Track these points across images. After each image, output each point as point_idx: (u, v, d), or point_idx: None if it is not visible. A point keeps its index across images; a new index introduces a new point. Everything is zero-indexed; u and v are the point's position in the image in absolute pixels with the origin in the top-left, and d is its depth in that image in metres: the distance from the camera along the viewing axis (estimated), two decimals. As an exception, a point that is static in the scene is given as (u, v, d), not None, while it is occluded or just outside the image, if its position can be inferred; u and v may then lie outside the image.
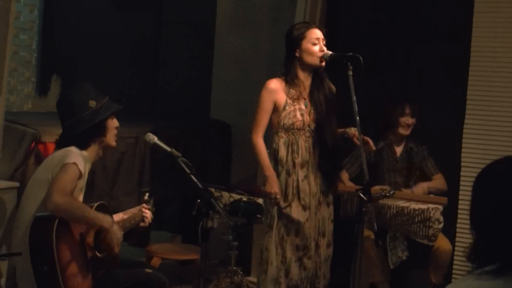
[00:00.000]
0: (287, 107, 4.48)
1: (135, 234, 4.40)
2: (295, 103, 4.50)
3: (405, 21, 6.01)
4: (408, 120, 5.26)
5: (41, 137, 4.94)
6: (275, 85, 4.50)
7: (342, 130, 4.56)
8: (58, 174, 3.58)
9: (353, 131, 4.49)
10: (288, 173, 4.48)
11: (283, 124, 4.49)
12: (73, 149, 3.73)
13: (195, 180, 3.58)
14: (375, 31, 6.13)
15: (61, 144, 3.87)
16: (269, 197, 4.45)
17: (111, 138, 3.90)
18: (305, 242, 4.52)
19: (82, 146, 3.79)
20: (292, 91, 4.50)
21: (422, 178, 5.32)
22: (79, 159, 3.66)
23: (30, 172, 4.81)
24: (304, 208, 4.50)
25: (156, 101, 7.43)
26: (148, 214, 4.08)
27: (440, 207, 4.79)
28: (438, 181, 5.29)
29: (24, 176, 4.80)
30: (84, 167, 3.70)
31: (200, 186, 3.56)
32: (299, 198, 4.49)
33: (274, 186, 4.42)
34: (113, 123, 3.92)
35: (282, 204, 4.47)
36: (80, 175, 3.66)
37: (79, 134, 3.79)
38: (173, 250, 5.61)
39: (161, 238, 6.36)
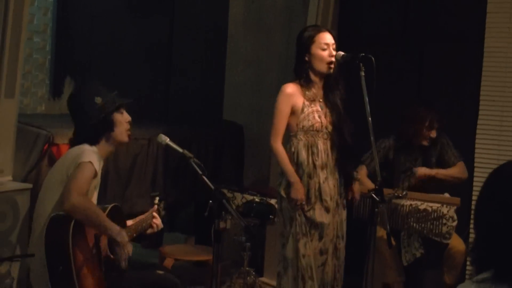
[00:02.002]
0: (305, 109, 4.46)
1: (149, 236, 4.39)
2: (312, 105, 4.48)
3: (418, 21, 6.00)
4: (433, 134, 5.12)
5: (54, 139, 4.95)
6: (292, 89, 4.48)
7: None
8: (74, 174, 3.57)
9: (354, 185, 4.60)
10: (310, 176, 4.45)
11: (302, 126, 4.46)
12: (86, 146, 3.74)
13: (207, 181, 3.58)
14: (388, 33, 6.13)
15: (74, 142, 3.89)
16: (295, 203, 4.42)
17: (121, 132, 3.87)
18: (327, 246, 4.50)
19: (93, 142, 3.79)
20: (308, 93, 4.48)
21: (441, 166, 5.19)
22: (93, 157, 3.67)
23: (43, 174, 4.83)
24: (327, 210, 4.48)
25: (169, 103, 7.45)
26: (157, 222, 4.04)
27: (454, 206, 4.77)
28: (456, 169, 5.16)
29: (38, 178, 4.82)
30: (98, 165, 3.70)
31: (212, 187, 3.55)
32: (321, 200, 4.46)
33: (300, 193, 4.39)
34: (123, 117, 3.89)
35: (306, 208, 4.45)
36: (95, 174, 3.67)
37: (88, 131, 3.80)
38: (186, 251, 5.61)
39: (174, 240, 6.37)
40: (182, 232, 6.64)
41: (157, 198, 4.15)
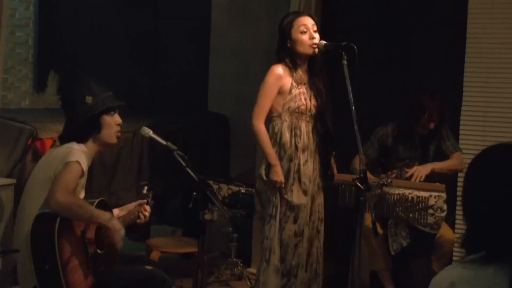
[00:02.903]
0: (292, 90, 4.47)
1: (136, 228, 4.38)
2: (299, 87, 4.50)
3: (402, 8, 5.98)
4: (432, 125, 5.07)
5: (38, 133, 4.94)
6: (282, 69, 4.47)
7: None
8: (61, 172, 3.56)
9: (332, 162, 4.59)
10: (291, 158, 4.47)
11: (289, 107, 4.47)
12: (75, 146, 3.71)
13: (191, 172, 3.57)
14: (372, 21, 6.12)
15: (62, 138, 3.85)
16: (273, 185, 4.43)
17: (109, 134, 3.85)
18: (301, 228, 4.52)
19: (81, 141, 3.78)
20: (296, 75, 4.49)
21: (440, 156, 5.15)
22: (81, 157, 3.65)
23: (28, 169, 4.81)
24: (305, 192, 4.50)
25: (154, 95, 7.43)
26: (146, 212, 4.04)
27: (444, 195, 4.74)
28: (453, 161, 5.11)
29: (22, 173, 4.81)
30: (86, 165, 3.69)
31: (196, 178, 3.54)
32: (300, 183, 4.48)
33: (280, 175, 4.41)
34: (113, 119, 3.86)
35: (283, 190, 4.46)
36: (83, 174, 3.66)
37: (76, 129, 3.79)
38: (173, 244, 5.61)
39: (162, 232, 6.36)
40: (170, 225, 6.64)
41: (146, 188, 4.14)
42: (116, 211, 3.99)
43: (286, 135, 4.47)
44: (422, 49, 5.92)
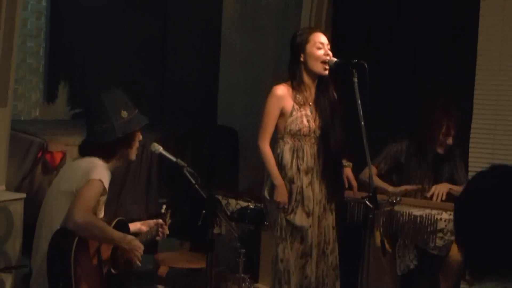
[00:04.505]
0: (294, 113, 4.45)
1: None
2: (302, 109, 4.47)
3: (411, 22, 5.97)
4: (450, 140, 4.99)
5: (48, 146, 4.95)
6: (282, 91, 4.47)
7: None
8: (82, 190, 3.53)
9: (346, 169, 4.54)
10: (292, 180, 4.46)
11: (290, 130, 4.46)
12: (99, 162, 3.67)
13: (200, 190, 3.57)
14: (382, 33, 6.11)
15: (84, 150, 3.77)
16: (277, 206, 4.43)
17: (134, 151, 3.86)
18: (308, 249, 4.50)
19: (107, 157, 3.72)
20: (299, 97, 4.47)
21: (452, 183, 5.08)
22: (104, 174, 3.62)
23: (37, 182, 4.82)
24: (308, 214, 4.48)
25: (163, 106, 7.43)
26: (165, 230, 4.04)
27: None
28: None
29: (31, 186, 4.82)
30: (108, 182, 3.66)
31: (205, 196, 3.54)
32: (303, 205, 4.47)
33: (283, 196, 4.40)
34: (139, 136, 3.88)
35: (287, 211, 4.45)
36: (104, 192, 3.64)
37: (107, 144, 3.71)
38: (181, 259, 5.60)
39: (169, 245, 6.34)
40: (177, 238, 6.62)
41: (164, 206, 4.13)
42: (137, 225, 3.99)
43: (287, 157, 4.47)
44: (431, 60, 5.89)
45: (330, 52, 4.43)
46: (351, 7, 6.25)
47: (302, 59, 4.44)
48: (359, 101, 4.13)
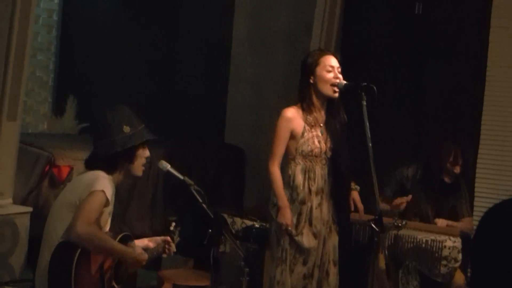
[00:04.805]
0: (305, 134, 4.45)
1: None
2: (313, 130, 4.48)
3: (420, 41, 5.99)
4: (457, 169, 4.96)
5: (56, 160, 4.97)
6: (292, 113, 4.47)
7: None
8: (85, 202, 3.53)
9: (353, 192, 4.55)
10: (303, 201, 4.45)
11: (301, 151, 4.46)
12: (102, 174, 3.68)
13: (206, 209, 3.57)
14: (391, 55, 6.13)
15: (89, 163, 3.81)
16: (281, 228, 4.42)
17: (138, 167, 3.83)
18: (310, 270, 4.50)
19: (109, 170, 3.73)
20: (310, 118, 4.47)
21: (452, 216, 5.04)
22: (107, 186, 3.62)
23: (43, 196, 4.84)
24: (315, 235, 4.48)
25: (170, 122, 7.45)
26: (172, 248, 4.04)
27: (459, 246, 4.67)
28: (465, 225, 5.00)
29: (38, 199, 4.83)
30: (111, 193, 3.67)
31: (212, 216, 3.54)
32: (310, 225, 4.47)
33: (287, 218, 4.39)
34: (144, 152, 3.85)
35: (294, 233, 4.45)
36: (108, 203, 3.65)
37: (107, 157, 3.72)
38: (185, 276, 5.59)
39: (173, 262, 6.33)
40: (181, 254, 6.62)
41: (173, 224, 4.13)
42: (144, 241, 3.98)
43: (299, 178, 4.46)
44: (439, 81, 5.91)
45: (340, 75, 4.43)
46: (361, 29, 6.28)
47: (312, 81, 4.44)
48: (367, 123, 4.14)
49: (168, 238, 4.01)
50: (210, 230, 3.60)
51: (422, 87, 6.02)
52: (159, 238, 4.02)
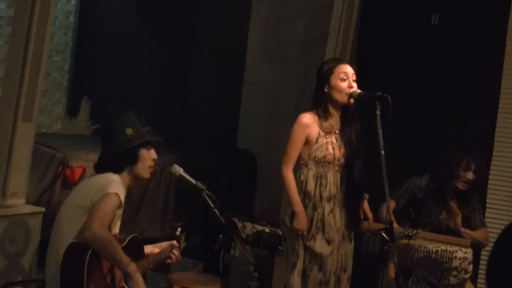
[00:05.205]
0: (319, 140, 4.46)
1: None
2: (328, 136, 4.49)
3: (436, 52, 5.99)
4: (470, 175, 4.97)
5: (69, 161, 4.99)
6: (308, 119, 4.48)
7: None
8: (99, 203, 3.59)
9: (364, 203, 4.57)
10: (315, 207, 4.46)
11: (314, 157, 4.47)
12: (115, 177, 3.76)
13: (218, 215, 3.59)
14: (406, 67, 6.13)
15: (97, 167, 3.91)
16: (296, 233, 4.43)
17: (143, 168, 3.89)
18: (327, 277, 4.50)
19: (116, 171, 3.82)
20: (325, 124, 4.49)
21: (465, 227, 5.04)
22: (120, 188, 3.69)
23: (56, 197, 4.86)
24: (328, 242, 4.48)
25: (184, 128, 7.48)
26: (176, 254, 4.05)
27: (469, 257, 4.67)
28: (481, 234, 5.04)
29: (50, 200, 4.85)
30: (123, 196, 3.72)
31: (224, 221, 3.56)
32: (323, 232, 4.47)
33: (302, 223, 4.39)
34: (149, 154, 3.92)
35: (307, 238, 4.45)
36: (121, 205, 3.69)
37: (111, 158, 3.83)
38: (194, 280, 5.59)
39: (182, 265, 6.36)
40: (191, 257, 6.64)
41: (179, 230, 4.15)
42: (149, 248, 4.00)
43: (311, 184, 4.47)
44: (453, 99, 5.91)
45: (354, 84, 4.44)
46: (376, 39, 6.28)
47: (326, 90, 4.47)
48: (380, 131, 4.15)
49: (175, 242, 4.03)
50: (221, 236, 3.62)
51: (437, 97, 6.02)
52: (164, 244, 4.04)
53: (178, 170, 3.87)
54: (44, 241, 4.44)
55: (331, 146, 4.48)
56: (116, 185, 3.69)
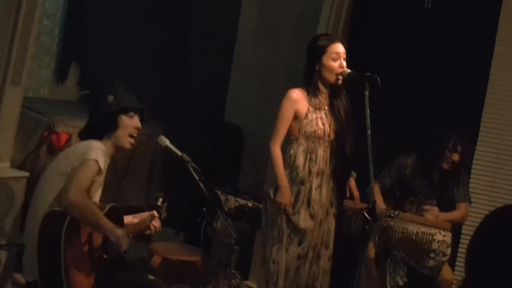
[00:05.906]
0: (309, 115, 4.49)
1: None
2: (317, 112, 4.52)
3: (429, 31, 5.97)
4: (455, 157, 5.02)
5: (55, 126, 4.98)
6: (297, 94, 4.51)
7: None
8: (78, 170, 3.59)
9: (351, 182, 4.58)
10: (302, 182, 4.49)
11: (304, 132, 4.49)
12: (95, 143, 3.75)
13: (203, 187, 3.61)
14: (398, 43, 6.11)
15: (81, 134, 3.95)
16: (279, 207, 4.45)
17: (123, 136, 3.86)
18: (305, 251, 4.54)
19: (97, 137, 3.82)
20: (315, 100, 4.52)
21: (449, 204, 5.13)
22: (100, 155, 3.68)
23: (41, 161, 4.86)
24: (312, 217, 4.52)
25: (173, 100, 7.45)
26: (156, 224, 4.04)
27: (448, 240, 4.72)
28: (458, 213, 5.08)
29: (35, 165, 4.85)
30: (104, 163, 3.72)
31: (207, 194, 3.57)
32: (308, 206, 4.50)
33: (286, 198, 4.43)
34: (131, 122, 3.89)
35: (291, 212, 4.48)
36: (100, 172, 3.69)
37: (92, 125, 3.86)
38: (175, 250, 5.63)
39: (163, 235, 6.37)
40: (172, 227, 6.65)
41: (161, 200, 4.15)
42: (129, 218, 4.01)
43: (300, 159, 4.50)
44: (444, 89, 5.89)
45: (344, 63, 4.46)
46: (369, 17, 6.25)
47: (317, 68, 4.48)
48: (368, 111, 4.16)
49: (155, 213, 4.03)
50: (204, 209, 3.64)
51: (430, 77, 6.00)
52: (144, 214, 4.03)
53: (164, 141, 3.88)
54: (27, 205, 4.45)
55: (320, 121, 4.51)
56: (96, 151, 3.68)
